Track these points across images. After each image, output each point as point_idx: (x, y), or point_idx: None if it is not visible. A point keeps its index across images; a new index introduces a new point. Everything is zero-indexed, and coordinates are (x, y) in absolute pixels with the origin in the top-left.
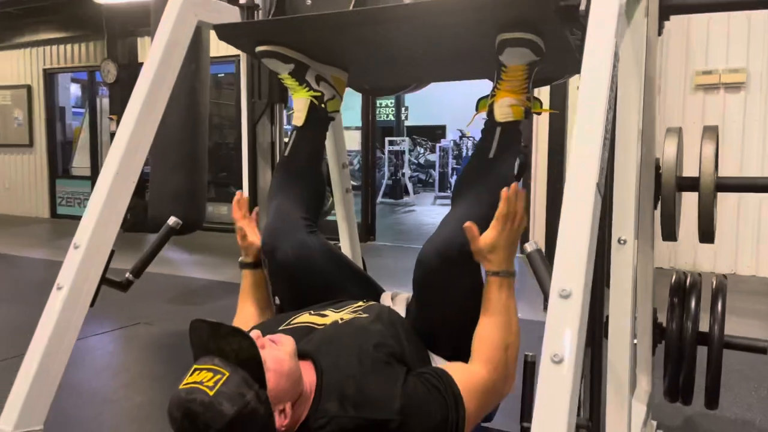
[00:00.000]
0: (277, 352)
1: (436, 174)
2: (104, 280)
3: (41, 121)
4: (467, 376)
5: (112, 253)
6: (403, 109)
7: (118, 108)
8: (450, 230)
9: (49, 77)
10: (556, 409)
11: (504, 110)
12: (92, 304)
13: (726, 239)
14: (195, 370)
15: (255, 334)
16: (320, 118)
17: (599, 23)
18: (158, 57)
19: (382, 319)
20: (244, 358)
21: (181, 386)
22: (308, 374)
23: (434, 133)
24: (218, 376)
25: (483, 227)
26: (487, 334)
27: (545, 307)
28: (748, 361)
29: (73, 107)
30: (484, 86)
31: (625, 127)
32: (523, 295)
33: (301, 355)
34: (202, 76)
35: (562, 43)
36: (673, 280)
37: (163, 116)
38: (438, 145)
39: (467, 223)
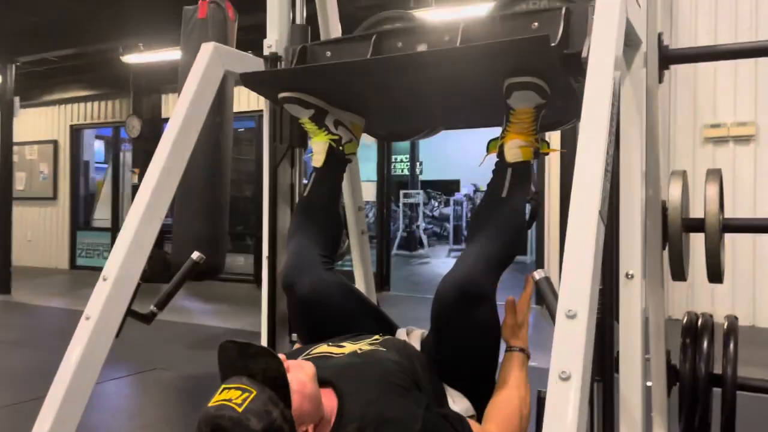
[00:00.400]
0: (300, 375)
1: (450, 227)
2: (129, 312)
3: (66, 175)
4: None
5: (139, 285)
6: (417, 163)
7: (140, 161)
8: (468, 266)
9: (75, 133)
10: (564, 423)
11: (514, 151)
12: (117, 335)
13: (743, 290)
14: (224, 389)
15: (281, 356)
16: (338, 160)
17: (598, 64)
18: (187, 103)
19: (399, 352)
20: (271, 377)
21: (210, 404)
22: (329, 399)
23: (448, 187)
24: (246, 394)
25: (501, 262)
26: (503, 402)
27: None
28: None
29: (97, 162)
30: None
31: (628, 168)
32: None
33: (321, 382)
34: (226, 129)
35: (567, 90)
36: (684, 321)
37: (188, 166)
38: (452, 198)
39: (509, 298)
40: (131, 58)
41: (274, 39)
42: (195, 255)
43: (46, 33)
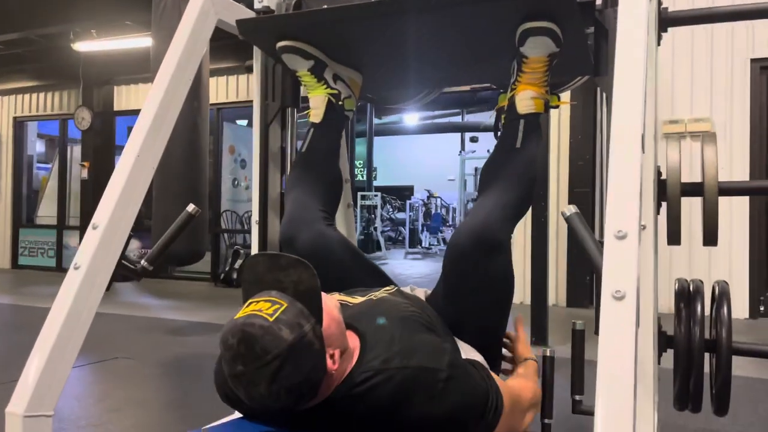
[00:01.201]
0: (327, 300)
1: (406, 231)
2: (119, 265)
3: (8, 170)
4: (503, 384)
5: (129, 237)
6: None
7: (90, 155)
8: (484, 214)
9: (19, 125)
10: (621, 343)
11: (526, 102)
12: (108, 288)
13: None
14: (251, 302)
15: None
16: (337, 115)
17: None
18: (179, 52)
19: (412, 301)
20: (303, 290)
21: (236, 317)
22: (351, 339)
23: (402, 193)
24: (277, 305)
25: (516, 211)
26: (521, 381)
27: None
28: (745, 384)
29: (38, 163)
30: (449, 154)
31: None
32: None
33: None
34: (203, 113)
35: (577, 41)
36: (677, 288)
37: (165, 150)
38: (408, 202)
39: (518, 315)
40: (83, 46)
41: None
42: (190, 207)
43: None
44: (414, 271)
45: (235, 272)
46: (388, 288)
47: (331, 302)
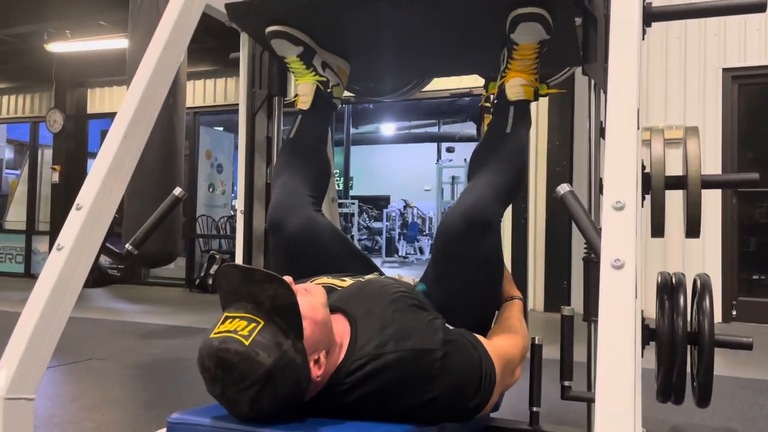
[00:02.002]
0: (311, 300)
1: (383, 240)
2: (104, 248)
3: None
4: (490, 345)
5: (115, 219)
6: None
7: (62, 158)
8: (475, 196)
9: None
10: (621, 309)
11: (516, 89)
12: (92, 270)
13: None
14: (227, 318)
15: (288, 280)
16: (326, 102)
17: None
18: (166, 35)
19: (401, 283)
20: (281, 305)
21: (212, 335)
22: (341, 324)
23: (378, 203)
24: (253, 325)
25: (507, 194)
26: (507, 328)
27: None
28: (719, 381)
29: (7, 169)
30: (426, 164)
31: None
32: None
33: (331, 309)
34: (179, 111)
35: (565, 32)
36: (659, 280)
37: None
38: (385, 211)
39: None
40: (56, 47)
41: None
42: (177, 190)
43: None
44: None
45: (211, 277)
46: (376, 274)
47: (314, 298)
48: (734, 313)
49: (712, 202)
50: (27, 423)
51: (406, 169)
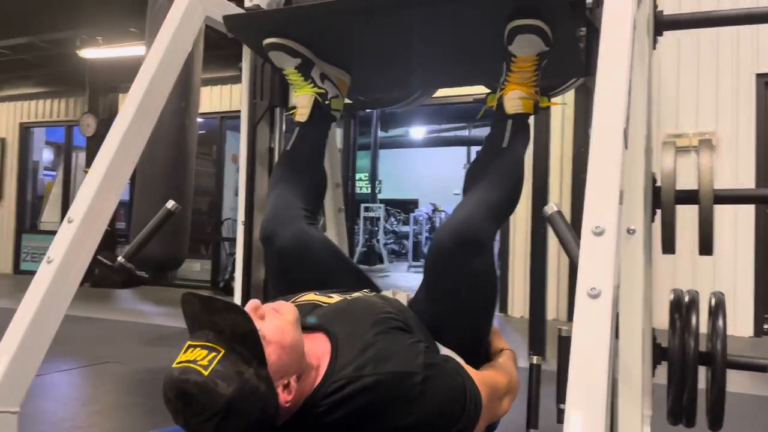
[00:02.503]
0: (278, 322)
1: (409, 244)
2: (96, 261)
3: (12, 175)
4: (476, 374)
5: (106, 233)
6: (377, 182)
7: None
8: (466, 213)
9: (25, 131)
10: (595, 343)
11: (514, 102)
12: (82, 283)
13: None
14: (189, 347)
15: (254, 304)
16: (324, 115)
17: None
18: (163, 48)
19: (389, 301)
20: (240, 333)
21: (174, 364)
22: (321, 344)
23: (406, 206)
24: (213, 354)
25: (502, 211)
26: (490, 371)
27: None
28: (740, 401)
29: (45, 169)
30: (455, 168)
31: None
32: None
33: (311, 328)
34: (192, 114)
35: (568, 43)
36: (672, 298)
37: (151, 151)
38: (412, 215)
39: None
40: (89, 53)
41: None
42: (170, 204)
43: (2, 21)
44: (416, 284)
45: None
46: (366, 292)
47: (282, 320)
48: (766, 327)
49: (744, 215)
50: None
51: (435, 173)
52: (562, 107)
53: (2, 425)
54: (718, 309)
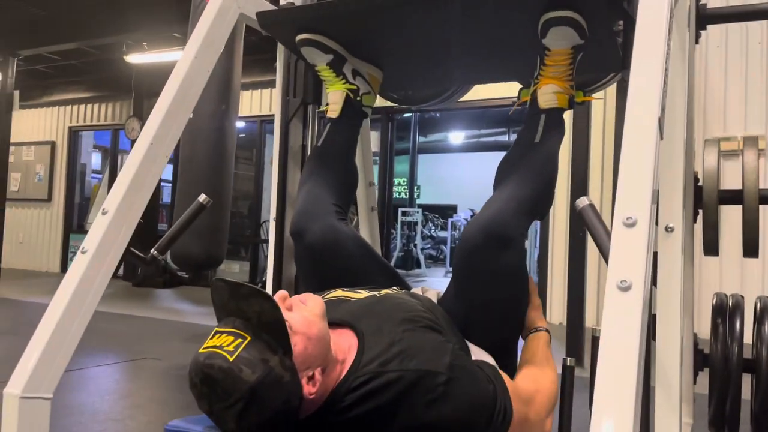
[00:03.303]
0: (306, 313)
1: (447, 249)
2: (128, 253)
3: (61, 177)
4: (515, 391)
5: (139, 224)
6: (415, 187)
7: None
8: (496, 208)
9: (74, 134)
10: (626, 336)
11: (548, 97)
12: (115, 274)
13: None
14: (216, 333)
15: (282, 295)
16: (356, 111)
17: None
18: (199, 42)
19: (419, 299)
20: (267, 321)
21: (201, 349)
22: (347, 339)
23: (445, 211)
24: (239, 341)
25: (533, 207)
26: (530, 372)
27: None
28: None
29: (93, 172)
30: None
31: (671, 123)
32: None
33: (339, 323)
34: (231, 116)
35: (605, 36)
36: (714, 302)
37: (191, 153)
38: (450, 220)
39: (531, 279)
40: (134, 58)
41: None
42: (202, 197)
43: (49, 26)
44: None
45: None
46: (395, 289)
47: (310, 312)
48: None
49: None
50: (43, 422)
51: (474, 178)
52: (602, 103)
53: (36, 410)
54: (763, 314)
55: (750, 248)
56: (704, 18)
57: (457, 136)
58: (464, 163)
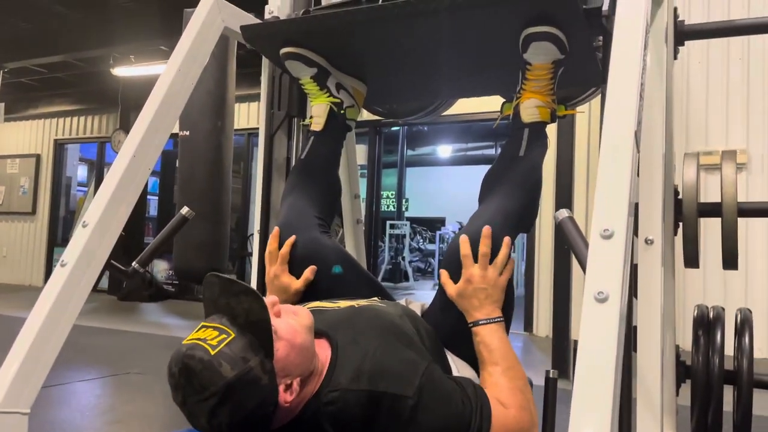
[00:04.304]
0: (293, 322)
1: (435, 262)
2: (109, 265)
3: (46, 190)
4: (495, 402)
5: (121, 237)
6: (404, 200)
7: None
8: (483, 221)
9: (59, 147)
10: (602, 348)
11: (530, 111)
12: (100, 288)
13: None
14: (202, 326)
15: (272, 299)
16: (339, 124)
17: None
18: (182, 55)
19: (399, 309)
20: (254, 321)
21: (184, 341)
22: (323, 350)
23: (433, 224)
24: (223, 336)
25: (518, 220)
26: (494, 381)
27: None
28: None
29: (79, 185)
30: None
31: (649, 134)
32: None
33: (316, 333)
34: (228, 132)
35: (585, 51)
36: (695, 314)
37: (190, 170)
38: (438, 233)
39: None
40: (121, 71)
41: (276, 4)
42: (184, 210)
43: (36, 39)
44: None
45: None
46: (376, 300)
47: (297, 322)
48: None
49: None
50: None
51: (462, 191)
52: (587, 115)
53: (13, 426)
54: (744, 326)
55: (729, 260)
56: (682, 34)
57: (444, 150)
58: (452, 176)
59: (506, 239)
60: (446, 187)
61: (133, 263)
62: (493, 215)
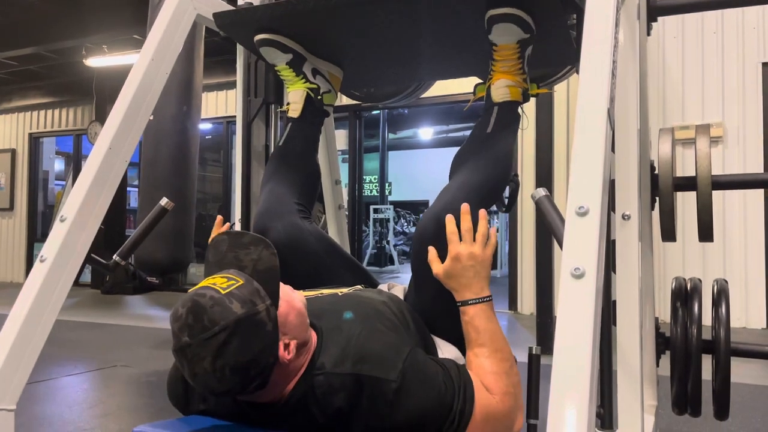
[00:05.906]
0: (289, 291)
1: None
2: (89, 259)
3: (23, 185)
4: (479, 385)
5: (101, 230)
6: (386, 184)
7: None
8: (449, 197)
9: (35, 141)
10: (580, 323)
11: (501, 91)
12: (83, 282)
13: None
14: (208, 279)
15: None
16: (317, 110)
17: None
18: (155, 44)
19: (383, 296)
20: (262, 270)
21: (190, 290)
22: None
23: (417, 207)
24: (232, 281)
25: (485, 195)
26: (480, 363)
27: None
28: (749, 392)
29: (57, 178)
30: None
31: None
32: None
33: None
34: (194, 118)
35: (558, 30)
36: (674, 286)
37: (153, 155)
38: (422, 216)
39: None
40: (95, 62)
41: None
42: (163, 201)
43: (6, 31)
44: None
45: None
46: (359, 287)
47: (297, 295)
48: None
49: (754, 201)
50: None
51: (444, 173)
52: (566, 93)
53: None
54: (720, 296)
55: (704, 233)
56: (654, 10)
57: (426, 132)
58: (434, 159)
59: (482, 212)
60: (429, 170)
61: (114, 256)
62: (458, 190)
